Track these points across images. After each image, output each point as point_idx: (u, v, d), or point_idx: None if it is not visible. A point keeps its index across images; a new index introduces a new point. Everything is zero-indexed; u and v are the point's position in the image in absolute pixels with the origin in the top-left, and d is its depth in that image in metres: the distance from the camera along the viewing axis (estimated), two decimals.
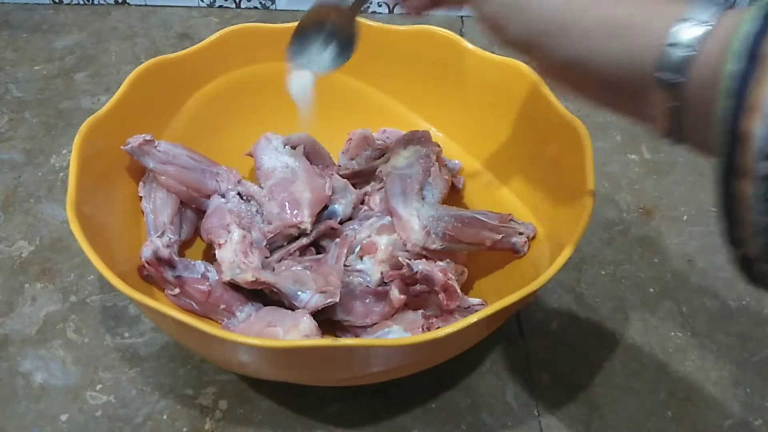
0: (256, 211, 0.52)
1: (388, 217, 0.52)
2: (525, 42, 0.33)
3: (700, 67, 0.26)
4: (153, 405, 0.47)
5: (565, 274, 0.57)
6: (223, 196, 0.52)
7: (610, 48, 0.29)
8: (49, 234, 0.58)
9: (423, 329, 0.44)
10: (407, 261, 0.45)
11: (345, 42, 0.46)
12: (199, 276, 0.47)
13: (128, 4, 0.88)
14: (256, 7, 0.89)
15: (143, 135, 0.49)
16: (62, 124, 0.69)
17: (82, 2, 0.87)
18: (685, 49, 0.26)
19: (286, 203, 0.51)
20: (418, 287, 0.46)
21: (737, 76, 0.23)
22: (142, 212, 0.50)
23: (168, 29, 0.84)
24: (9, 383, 0.48)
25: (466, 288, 0.51)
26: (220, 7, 0.89)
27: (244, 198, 0.53)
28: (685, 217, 0.63)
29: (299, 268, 0.47)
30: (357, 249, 0.50)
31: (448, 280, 0.44)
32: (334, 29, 0.46)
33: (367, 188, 0.56)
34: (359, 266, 0.49)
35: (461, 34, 0.66)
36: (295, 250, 0.51)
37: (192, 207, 0.52)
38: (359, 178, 0.57)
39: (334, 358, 0.38)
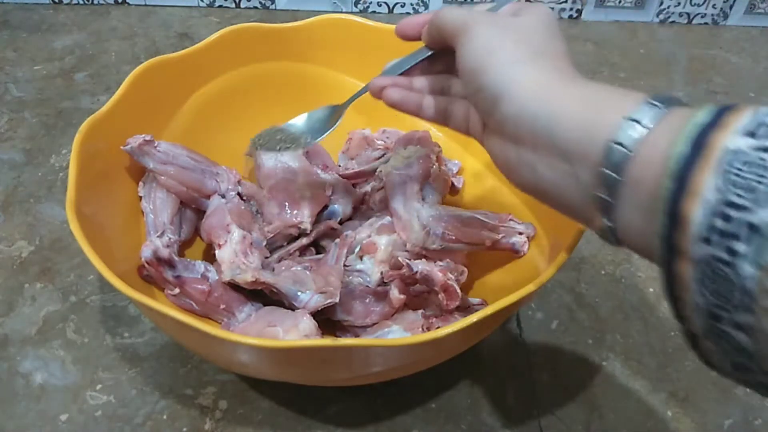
0: (256, 211, 0.52)
1: (388, 217, 0.52)
2: (497, 91, 0.33)
3: (641, 166, 0.27)
4: (153, 405, 0.47)
5: (565, 274, 0.58)
6: (223, 196, 0.52)
7: (572, 118, 0.30)
8: (48, 234, 0.58)
9: (423, 329, 0.44)
10: (407, 261, 0.45)
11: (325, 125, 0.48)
12: (199, 276, 0.47)
13: (128, 4, 0.88)
14: (256, 7, 0.89)
15: (143, 135, 0.49)
16: (62, 124, 0.69)
17: (81, 2, 0.87)
18: (626, 150, 0.27)
19: (286, 203, 0.51)
20: (417, 287, 0.46)
21: (683, 160, 0.24)
22: (142, 212, 0.50)
23: (168, 29, 0.84)
24: (9, 383, 0.48)
25: (466, 288, 0.51)
26: (220, 7, 0.89)
27: (244, 198, 0.53)
28: None
29: (299, 268, 0.47)
30: (357, 249, 0.50)
31: (448, 280, 0.44)
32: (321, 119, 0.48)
33: (367, 188, 0.56)
34: (359, 266, 0.49)
35: None
36: (295, 250, 0.51)
37: (192, 207, 0.52)
38: (359, 178, 0.57)
39: (334, 358, 0.38)
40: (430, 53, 0.40)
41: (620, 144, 0.27)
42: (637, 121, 0.27)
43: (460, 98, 0.40)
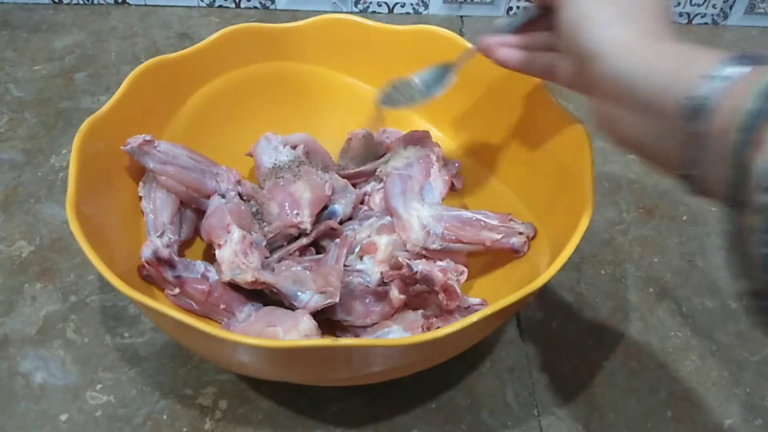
0: (256, 211, 0.52)
1: (388, 217, 0.52)
2: (593, 49, 0.35)
3: (724, 105, 0.28)
4: (153, 405, 0.47)
5: (565, 274, 0.58)
6: (223, 196, 0.52)
7: (660, 72, 0.32)
8: (48, 234, 0.58)
9: (423, 329, 0.44)
10: (407, 261, 0.45)
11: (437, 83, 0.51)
12: (199, 276, 0.47)
13: (128, 3, 0.88)
14: (256, 7, 0.89)
15: (143, 135, 0.49)
16: (62, 124, 0.69)
17: (81, 2, 0.87)
18: (715, 88, 0.28)
19: (286, 203, 0.51)
20: (417, 287, 0.46)
21: (753, 114, 0.25)
22: (142, 212, 0.50)
23: (168, 29, 0.84)
24: (9, 383, 0.48)
25: (466, 288, 0.51)
26: (220, 7, 0.89)
27: (244, 198, 0.53)
28: (685, 217, 0.63)
29: (299, 268, 0.47)
30: (357, 249, 0.50)
31: (448, 280, 0.44)
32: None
33: (367, 188, 0.56)
34: (359, 266, 0.49)
35: (461, 34, 0.66)
36: (295, 250, 0.51)
37: (192, 207, 0.52)
38: (359, 178, 0.57)
39: (334, 358, 0.38)
40: (537, 13, 0.43)
41: (703, 97, 0.28)
42: (721, 76, 0.28)
43: (564, 55, 0.42)
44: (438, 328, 0.41)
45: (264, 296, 0.48)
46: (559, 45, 0.42)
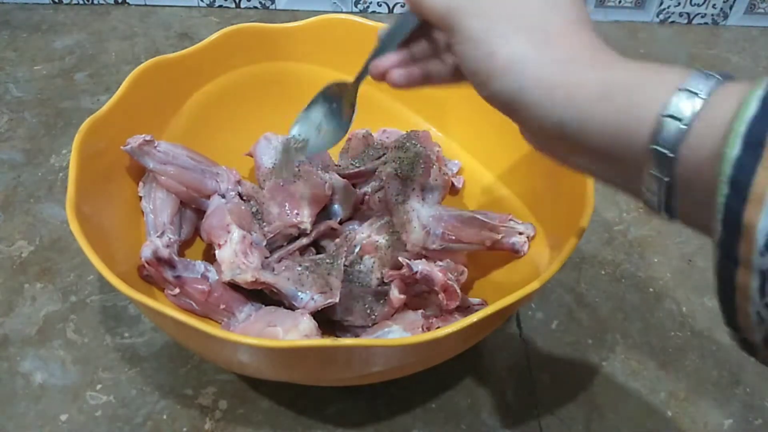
0: (256, 211, 0.52)
1: (388, 217, 0.52)
2: (509, 98, 0.30)
3: (695, 144, 0.24)
4: (153, 405, 0.47)
5: (565, 274, 0.58)
6: (223, 196, 0.52)
7: (604, 111, 0.27)
8: (48, 234, 0.58)
9: (423, 329, 0.44)
10: (407, 261, 0.45)
11: (340, 124, 0.45)
12: (199, 276, 0.47)
13: (128, 4, 0.88)
14: (256, 7, 0.89)
15: (143, 135, 0.49)
16: (62, 124, 0.69)
17: (81, 2, 0.87)
18: (681, 123, 0.24)
19: (286, 203, 0.51)
20: (417, 287, 0.46)
21: (738, 163, 0.22)
22: (142, 212, 0.50)
23: (168, 29, 0.84)
24: (9, 383, 0.48)
25: (466, 288, 0.51)
26: (220, 7, 0.89)
27: (244, 198, 0.53)
28: None
29: (299, 268, 0.47)
30: (357, 249, 0.50)
31: (448, 280, 0.44)
32: (334, 108, 0.45)
33: (367, 188, 0.56)
34: (359, 266, 0.49)
35: None
36: (295, 250, 0.51)
37: (192, 207, 0.52)
38: (359, 178, 0.57)
39: (334, 358, 0.38)
40: (417, 22, 0.36)
41: (672, 139, 0.24)
42: (686, 116, 0.24)
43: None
44: (438, 328, 0.41)
45: (264, 296, 0.48)
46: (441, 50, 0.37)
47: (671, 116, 0.24)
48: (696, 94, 0.24)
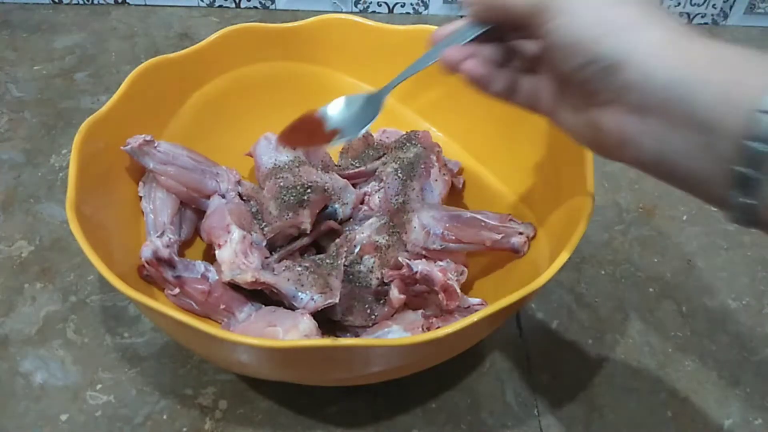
0: (256, 211, 0.52)
1: (388, 217, 0.52)
2: (616, 59, 0.30)
3: None
4: (153, 405, 0.47)
5: (565, 274, 0.58)
6: (223, 196, 0.52)
7: (716, 75, 0.27)
8: (48, 234, 0.58)
9: (423, 329, 0.44)
10: (407, 261, 0.45)
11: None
12: (199, 276, 0.47)
13: (128, 4, 0.88)
14: (256, 7, 0.89)
15: (143, 135, 0.49)
16: (62, 124, 0.69)
17: (82, 2, 0.87)
18: None
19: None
20: (417, 287, 0.46)
21: None
22: (142, 212, 0.50)
23: (168, 29, 0.84)
24: (9, 383, 0.48)
25: (466, 288, 0.51)
26: (220, 6, 0.89)
27: (244, 198, 0.53)
28: (685, 217, 0.63)
29: (299, 268, 0.47)
30: (357, 249, 0.50)
31: (448, 280, 0.44)
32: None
33: (367, 188, 0.56)
34: (359, 266, 0.49)
35: None
36: (295, 250, 0.51)
37: (192, 207, 0.52)
38: (359, 178, 0.57)
39: (334, 358, 0.38)
40: (486, 26, 0.36)
41: None
42: None
43: (525, 72, 0.38)
44: (438, 328, 0.41)
45: (264, 296, 0.48)
46: (517, 62, 0.38)
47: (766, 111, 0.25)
48: None
